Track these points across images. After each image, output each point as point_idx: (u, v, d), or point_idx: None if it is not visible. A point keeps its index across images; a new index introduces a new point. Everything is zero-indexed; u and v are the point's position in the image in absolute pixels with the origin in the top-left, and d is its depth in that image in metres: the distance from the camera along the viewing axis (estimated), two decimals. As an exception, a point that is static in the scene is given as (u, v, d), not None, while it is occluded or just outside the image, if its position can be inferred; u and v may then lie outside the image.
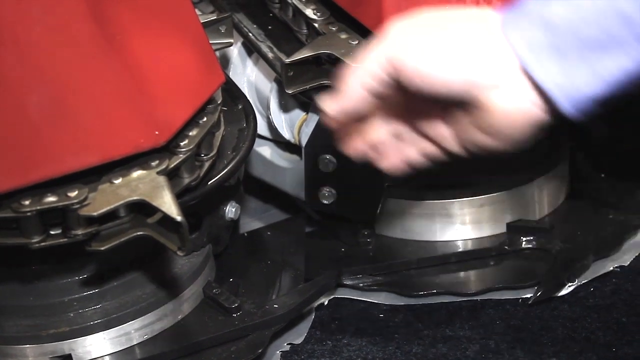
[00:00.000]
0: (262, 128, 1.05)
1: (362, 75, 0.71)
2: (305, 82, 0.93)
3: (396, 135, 0.75)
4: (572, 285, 0.96)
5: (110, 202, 0.76)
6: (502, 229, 1.00)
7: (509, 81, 0.66)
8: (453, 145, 0.73)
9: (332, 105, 0.73)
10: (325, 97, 0.73)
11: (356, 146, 0.77)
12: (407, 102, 0.72)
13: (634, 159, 1.11)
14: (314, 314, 0.96)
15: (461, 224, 1.00)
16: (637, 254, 1.00)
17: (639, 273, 0.98)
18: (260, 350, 0.88)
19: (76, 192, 0.77)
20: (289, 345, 0.93)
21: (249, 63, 1.06)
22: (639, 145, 1.12)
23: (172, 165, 0.80)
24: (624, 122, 1.15)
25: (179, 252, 0.78)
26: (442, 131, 0.72)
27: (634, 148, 1.12)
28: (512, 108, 0.67)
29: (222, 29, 0.95)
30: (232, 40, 0.96)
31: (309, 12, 0.97)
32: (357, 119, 0.74)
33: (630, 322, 0.92)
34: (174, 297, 0.89)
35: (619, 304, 0.94)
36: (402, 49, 0.68)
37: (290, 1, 0.99)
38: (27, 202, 0.76)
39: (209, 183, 0.85)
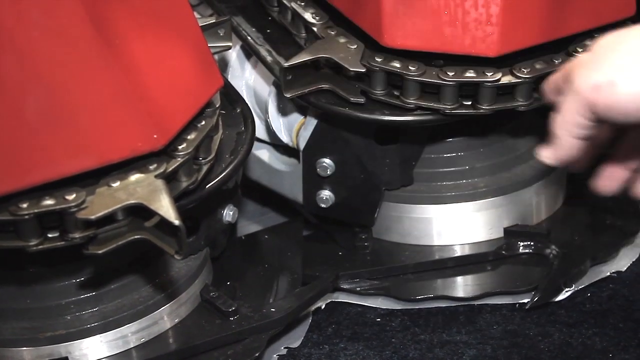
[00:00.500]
0: (260, 131, 1.05)
1: (566, 126, 0.74)
2: (303, 86, 0.93)
3: None
4: (569, 290, 0.97)
5: (108, 205, 0.76)
6: (500, 233, 1.00)
7: None
8: None
9: (549, 156, 0.77)
10: (542, 148, 0.78)
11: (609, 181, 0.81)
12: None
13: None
14: (311, 317, 0.96)
15: (458, 229, 1.00)
16: (633, 260, 1.00)
17: (636, 279, 0.98)
18: (257, 354, 0.88)
19: (74, 196, 0.77)
20: (286, 349, 0.93)
21: (248, 66, 1.06)
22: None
23: (170, 169, 0.80)
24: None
25: (176, 256, 0.78)
26: None
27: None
28: None
29: (221, 32, 0.95)
30: (230, 44, 0.96)
31: (308, 15, 0.97)
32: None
33: (627, 327, 0.92)
34: (171, 300, 0.89)
35: (616, 309, 0.95)
36: (592, 91, 0.71)
37: (289, 5, 0.99)
38: (24, 205, 0.76)
39: (207, 187, 0.85)
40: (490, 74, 0.90)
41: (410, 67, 0.90)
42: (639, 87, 0.70)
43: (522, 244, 1.00)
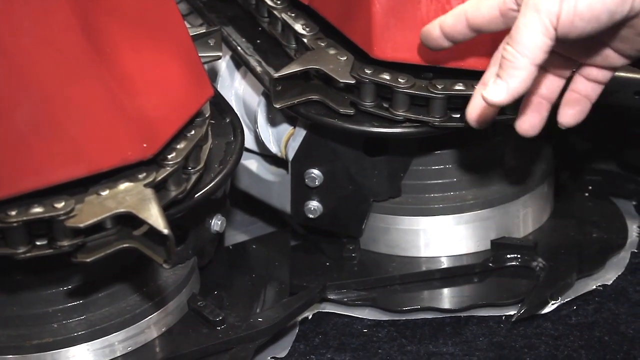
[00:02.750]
0: (249, 141, 1.05)
1: (528, 51, 0.73)
2: (293, 97, 0.94)
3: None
4: (555, 303, 0.97)
5: (96, 213, 0.76)
6: (487, 246, 1.01)
7: None
8: (618, 60, 0.78)
9: (499, 92, 0.75)
10: (489, 87, 0.75)
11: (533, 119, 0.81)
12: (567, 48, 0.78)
13: (617, 179, 1.12)
14: (297, 328, 0.96)
15: (446, 241, 1.01)
16: (619, 273, 1.01)
17: (622, 292, 0.99)
18: (244, 364, 0.88)
19: (63, 204, 0.77)
20: (273, 359, 0.93)
21: (237, 76, 1.06)
22: (621, 163, 1.13)
23: (160, 178, 0.80)
24: (607, 139, 1.16)
25: (164, 265, 0.78)
26: (606, 53, 0.77)
27: (617, 166, 1.13)
28: None
29: (211, 42, 0.95)
30: (220, 54, 0.96)
31: (298, 27, 0.98)
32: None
33: (612, 341, 0.93)
34: (158, 309, 0.89)
35: (601, 322, 0.95)
36: (557, 4, 0.72)
37: (279, 16, 1.00)
38: (13, 213, 0.76)
39: (196, 196, 0.85)
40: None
41: (399, 80, 0.91)
42: None
43: (509, 256, 1.00)
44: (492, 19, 0.78)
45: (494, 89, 0.75)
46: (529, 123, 0.83)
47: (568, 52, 0.80)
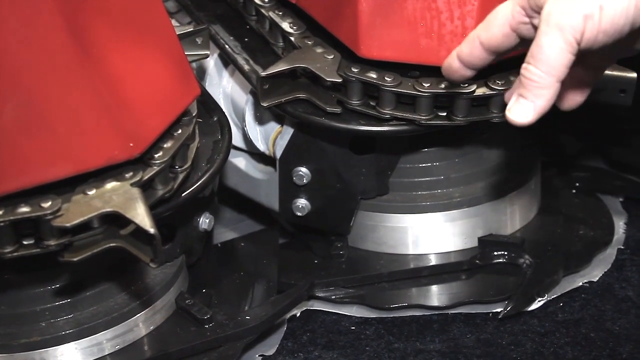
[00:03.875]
0: (237, 139, 1.06)
1: (554, 70, 0.72)
2: (280, 95, 0.94)
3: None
4: (541, 300, 0.97)
5: (83, 213, 0.76)
6: (474, 243, 1.01)
7: None
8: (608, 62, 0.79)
9: (527, 114, 0.73)
10: (514, 108, 0.73)
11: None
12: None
13: (603, 176, 1.12)
14: (286, 325, 0.96)
15: (433, 238, 1.01)
16: (605, 270, 1.01)
17: (608, 289, 0.99)
18: (232, 362, 0.88)
19: (50, 203, 0.77)
20: (261, 357, 0.93)
21: (225, 75, 1.06)
22: (608, 160, 1.14)
23: (146, 177, 0.80)
24: (594, 137, 1.16)
25: (151, 264, 0.78)
26: (608, 54, 0.76)
27: (605, 163, 1.14)
28: None
29: (199, 41, 0.96)
30: (208, 52, 0.97)
31: (286, 25, 0.98)
32: None
33: (598, 337, 0.93)
34: (146, 307, 0.90)
35: (587, 319, 0.95)
36: (582, 22, 0.71)
37: (267, 14, 1.00)
38: (0, 212, 0.77)
39: (183, 195, 0.85)
40: (465, 85, 0.91)
41: (386, 78, 0.91)
42: (624, 2, 0.71)
43: (496, 253, 1.00)
44: (505, 37, 0.76)
45: (518, 110, 0.73)
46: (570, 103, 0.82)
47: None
